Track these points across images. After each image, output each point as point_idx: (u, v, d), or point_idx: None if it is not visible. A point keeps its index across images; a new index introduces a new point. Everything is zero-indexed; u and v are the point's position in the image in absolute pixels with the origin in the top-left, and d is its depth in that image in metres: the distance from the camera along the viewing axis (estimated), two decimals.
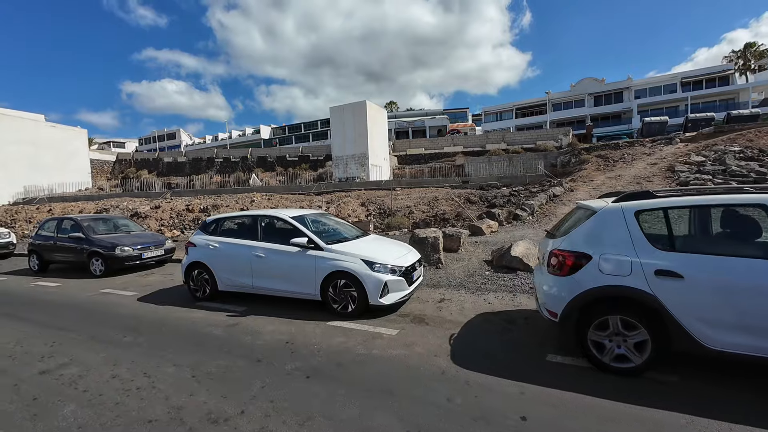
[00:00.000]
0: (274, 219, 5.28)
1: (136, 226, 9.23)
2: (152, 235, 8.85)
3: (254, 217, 5.45)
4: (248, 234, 5.31)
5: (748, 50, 42.47)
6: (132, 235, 8.50)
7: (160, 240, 8.53)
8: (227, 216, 5.76)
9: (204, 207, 18.48)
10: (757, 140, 19.68)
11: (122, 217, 9.38)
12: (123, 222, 9.11)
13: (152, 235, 8.88)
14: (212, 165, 46.41)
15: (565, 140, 30.20)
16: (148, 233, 8.99)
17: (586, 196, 16.63)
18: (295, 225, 5.03)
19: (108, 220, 8.99)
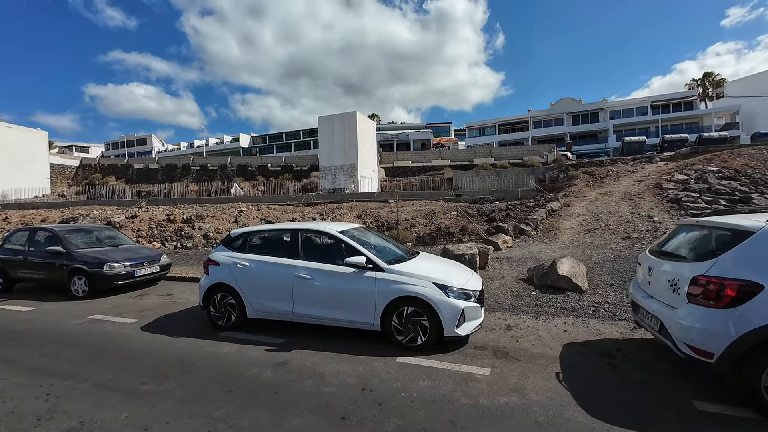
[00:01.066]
0: (317, 234, 4.53)
1: (125, 238, 8.02)
2: (145, 249, 7.72)
3: (293, 232, 4.68)
4: (286, 251, 4.53)
5: (707, 79, 46.15)
6: (122, 249, 7.35)
7: (155, 255, 7.43)
8: (258, 229, 4.92)
9: (187, 217, 17.10)
10: (731, 161, 20.76)
11: (108, 228, 8.15)
12: (109, 234, 7.87)
13: (145, 250, 7.76)
14: (188, 173, 44.21)
15: (550, 156, 31.02)
16: (141, 247, 7.84)
17: (583, 211, 16.79)
18: (347, 241, 4.32)
19: (90, 231, 7.75)
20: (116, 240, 7.86)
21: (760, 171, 18.73)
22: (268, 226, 4.95)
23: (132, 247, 7.72)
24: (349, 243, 4.30)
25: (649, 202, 16.99)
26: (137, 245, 7.73)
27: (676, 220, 14.16)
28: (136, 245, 7.72)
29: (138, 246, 7.95)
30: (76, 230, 7.55)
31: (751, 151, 21.28)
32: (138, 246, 7.95)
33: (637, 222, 14.09)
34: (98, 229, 8.06)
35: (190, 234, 15.82)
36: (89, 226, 8.08)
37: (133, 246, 7.85)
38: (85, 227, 7.83)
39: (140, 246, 7.74)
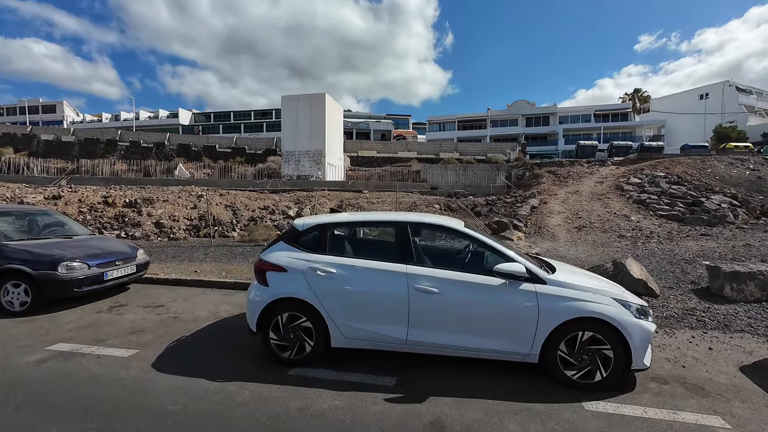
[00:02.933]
0: (437, 229, 3.29)
1: (78, 225, 5.80)
2: (113, 241, 5.69)
3: (400, 225, 3.32)
4: (391, 252, 3.24)
5: (636, 94, 51.92)
6: (79, 241, 5.16)
7: (129, 251, 5.35)
8: (342, 220, 3.54)
9: (131, 200, 14.11)
10: (672, 168, 23.03)
11: (52, 212, 5.72)
12: (55, 219, 5.61)
13: (113, 242, 5.65)
14: (114, 149, 37.98)
15: (513, 154, 32.13)
16: (104, 239, 5.66)
17: (560, 209, 17.27)
18: (488, 242, 3.18)
19: (26, 215, 5.29)
20: (66, 228, 5.52)
21: (698, 178, 21.00)
22: (356, 216, 3.50)
23: (93, 238, 5.52)
24: (491, 245, 3.14)
25: (617, 202, 18.05)
26: (99, 236, 5.54)
27: (649, 219, 15.15)
28: (98, 236, 5.52)
29: (101, 238, 5.84)
30: (3, 213, 5.19)
31: (687, 160, 23.86)
32: (101, 238, 5.84)
33: (617, 221, 14.75)
34: (37, 212, 5.65)
35: (136, 221, 13.01)
36: (22, 208, 5.55)
37: (95, 237, 5.66)
38: (15, 209, 5.36)
39: (103, 237, 5.52)
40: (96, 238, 5.69)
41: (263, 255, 3.31)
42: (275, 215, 15.05)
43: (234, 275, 6.29)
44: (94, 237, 5.70)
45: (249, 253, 9.15)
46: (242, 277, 6.11)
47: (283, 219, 14.80)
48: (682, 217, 14.94)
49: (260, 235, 11.85)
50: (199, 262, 7.79)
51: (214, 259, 8.17)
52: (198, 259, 8.13)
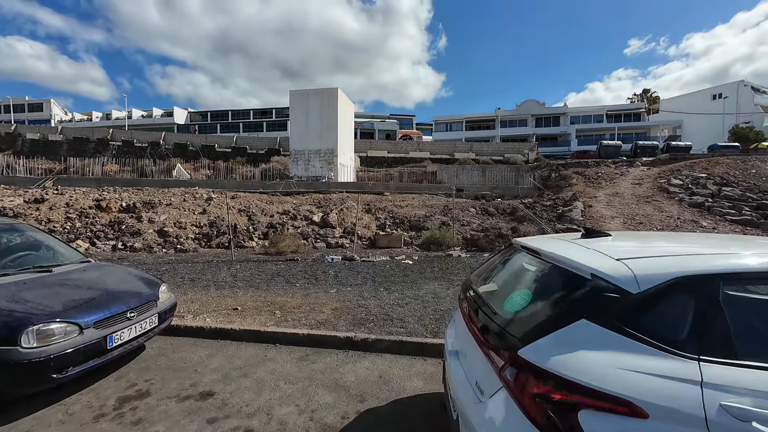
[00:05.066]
0: None
1: (65, 248, 3.73)
2: (121, 273, 3.53)
3: None
4: None
5: (645, 95, 50.98)
6: (63, 277, 3.03)
7: (146, 289, 3.24)
8: (749, 268, 1.34)
9: (128, 204, 12.03)
10: (712, 168, 21.56)
11: (23, 226, 3.56)
12: (26, 239, 3.54)
13: (122, 275, 3.46)
14: (106, 148, 35.56)
15: (531, 155, 30.57)
16: (110, 269, 3.58)
17: (609, 213, 15.60)
18: None
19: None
20: (43, 254, 3.46)
21: (743, 179, 19.51)
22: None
23: (87, 268, 3.37)
24: None
25: (670, 205, 16.43)
26: (96, 264, 3.45)
27: (721, 225, 13.52)
28: (94, 264, 3.46)
29: (99, 266, 3.54)
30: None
31: (726, 161, 22.41)
32: (99, 266, 3.54)
33: (687, 227, 13.11)
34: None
35: (136, 229, 10.96)
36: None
37: (90, 266, 3.47)
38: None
39: (102, 266, 3.40)
40: (92, 266, 3.46)
41: (533, 352, 1.35)
42: (297, 221, 13.09)
43: (295, 315, 4.34)
44: (90, 265, 3.48)
45: (286, 271, 7.20)
46: (310, 321, 4.17)
47: (308, 225, 12.84)
48: (757, 223, 13.37)
49: (287, 246, 9.89)
50: (231, 288, 5.81)
51: (248, 282, 6.21)
52: (226, 283, 6.16)
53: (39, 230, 3.80)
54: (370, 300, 5.15)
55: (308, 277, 6.73)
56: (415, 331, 3.94)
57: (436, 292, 5.71)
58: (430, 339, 3.62)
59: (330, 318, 4.30)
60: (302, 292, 5.58)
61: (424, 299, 5.23)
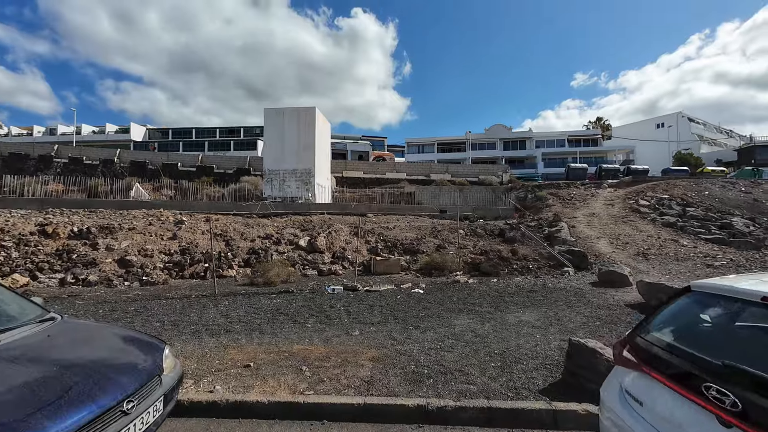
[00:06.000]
0: None
1: (15, 299, 2.44)
2: (108, 336, 2.36)
3: None
4: None
5: (598, 122, 55.26)
6: (17, 352, 1.86)
7: (145, 361, 2.15)
8: None
9: (81, 229, 10.34)
10: (671, 190, 23.07)
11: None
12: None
13: (109, 339, 2.30)
14: (49, 166, 32.04)
15: (505, 177, 31.40)
16: (92, 329, 2.48)
17: (593, 233, 15.90)
18: None
19: None
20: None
21: (700, 200, 20.99)
22: None
23: (46, 335, 2.12)
24: None
25: (646, 225, 17.07)
26: (62, 322, 2.30)
27: (699, 244, 14.07)
28: (65, 320, 2.30)
29: (67, 328, 2.29)
30: None
31: (683, 183, 24.15)
32: (67, 328, 2.29)
33: (671, 246, 13.45)
34: None
35: (90, 258, 9.35)
36: None
37: (53, 331, 2.20)
38: None
39: (73, 325, 2.28)
40: (60, 328, 2.29)
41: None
42: (281, 245, 11.93)
43: (329, 372, 3.40)
44: (56, 326, 2.31)
45: (286, 307, 6.17)
46: (353, 381, 3.26)
47: (293, 250, 11.72)
48: (728, 241, 14.07)
49: (276, 275, 8.78)
50: (228, 334, 4.74)
51: (248, 324, 5.16)
52: (220, 326, 5.07)
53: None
54: (407, 344, 4.32)
55: (316, 314, 5.75)
56: (489, 388, 3.16)
57: (473, 329, 4.99)
58: (525, 401, 2.85)
59: (376, 374, 3.42)
60: (319, 336, 4.62)
61: (466, 339, 4.50)
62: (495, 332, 4.80)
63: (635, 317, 5.41)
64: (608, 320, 5.25)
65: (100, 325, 2.85)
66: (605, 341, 3.84)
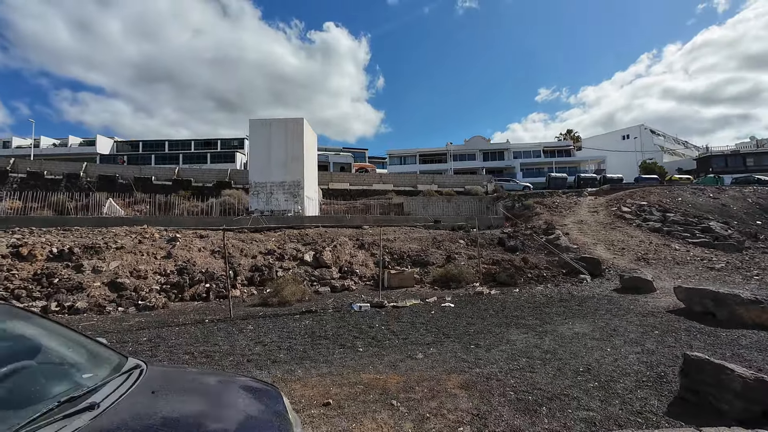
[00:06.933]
0: None
1: (86, 342, 1.85)
2: (212, 387, 1.79)
3: None
4: None
5: (569, 134, 58.07)
6: (124, 415, 1.37)
7: (271, 415, 1.66)
8: None
9: (62, 250, 9.29)
10: (647, 197, 24.26)
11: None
12: (9, 334, 1.60)
13: (217, 393, 1.74)
14: (4, 181, 29.42)
15: (490, 186, 31.98)
16: (189, 376, 1.89)
17: (586, 240, 16.29)
18: None
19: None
20: (47, 365, 1.61)
21: (675, 206, 22.19)
22: None
23: (145, 387, 1.58)
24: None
25: (634, 230, 17.71)
26: (155, 370, 1.76)
27: (689, 248, 14.68)
28: (152, 371, 1.76)
29: (163, 376, 1.75)
30: None
31: (657, 190, 25.52)
32: (163, 376, 1.75)
33: (665, 251, 13.93)
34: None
35: (75, 282, 8.38)
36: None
37: (147, 382, 1.64)
38: None
39: (165, 370, 1.73)
40: (154, 377, 1.72)
41: None
42: (284, 261, 11.29)
43: (425, 406, 3.00)
44: (151, 375, 1.72)
45: (320, 329, 5.68)
46: (460, 415, 2.86)
47: (299, 266, 11.08)
48: (713, 244, 14.79)
49: (292, 293, 8.19)
50: (278, 364, 4.23)
51: (292, 352, 4.67)
52: (263, 356, 4.55)
53: (24, 313, 2.03)
54: (483, 365, 3.98)
55: (359, 335, 5.30)
56: (611, 413, 2.88)
57: (536, 344, 4.73)
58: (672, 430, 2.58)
59: (478, 405, 3.05)
60: (381, 362, 4.19)
61: (538, 357, 4.26)
62: (561, 347, 4.56)
63: (687, 324, 5.36)
64: (665, 329, 5.14)
65: (198, 372, 2.32)
66: (718, 356, 3.68)
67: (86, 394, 1.53)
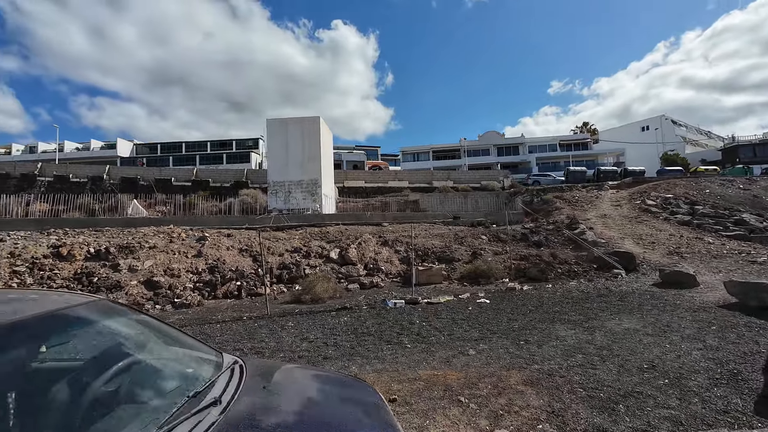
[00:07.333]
0: None
1: (179, 336, 1.94)
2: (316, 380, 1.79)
3: None
4: None
5: (585, 127, 56.80)
6: (245, 409, 1.36)
7: (378, 417, 1.54)
8: None
9: (98, 250, 9.52)
10: (672, 189, 23.51)
11: (102, 304, 1.77)
12: (118, 330, 1.63)
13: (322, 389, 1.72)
14: (33, 184, 30.43)
15: (506, 182, 31.55)
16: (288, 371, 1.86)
17: (613, 234, 15.91)
18: None
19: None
20: (152, 360, 1.61)
21: (703, 198, 21.45)
22: None
23: (259, 382, 1.58)
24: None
25: (662, 224, 17.20)
26: (255, 362, 1.67)
27: (724, 241, 14.17)
28: (255, 364, 1.69)
29: (264, 368, 1.78)
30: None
31: (683, 182, 24.72)
32: (264, 368, 1.78)
33: (698, 244, 13.48)
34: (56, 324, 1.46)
35: (114, 281, 8.56)
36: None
37: (255, 376, 1.62)
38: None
39: (264, 363, 1.67)
40: (269, 374, 1.72)
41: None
42: (311, 259, 11.34)
43: (495, 403, 2.92)
44: (255, 371, 1.71)
45: (360, 326, 5.68)
46: (535, 412, 2.78)
47: (324, 263, 11.13)
48: (749, 237, 14.24)
49: (324, 291, 8.22)
50: (328, 360, 4.25)
51: (340, 348, 4.68)
52: (313, 353, 4.58)
53: (121, 308, 2.05)
54: (541, 362, 3.90)
55: (403, 332, 5.26)
56: (694, 412, 2.77)
57: (587, 340, 4.62)
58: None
59: (550, 401, 2.97)
60: (434, 358, 4.14)
61: (594, 353, 4.16)
62: (615, 343, 4.43)
63: (745, 319, 5.14)
64: (723, 325, 4.94)
65: (294, 367, 2.30)
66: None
67: (206, 389, 1.52)
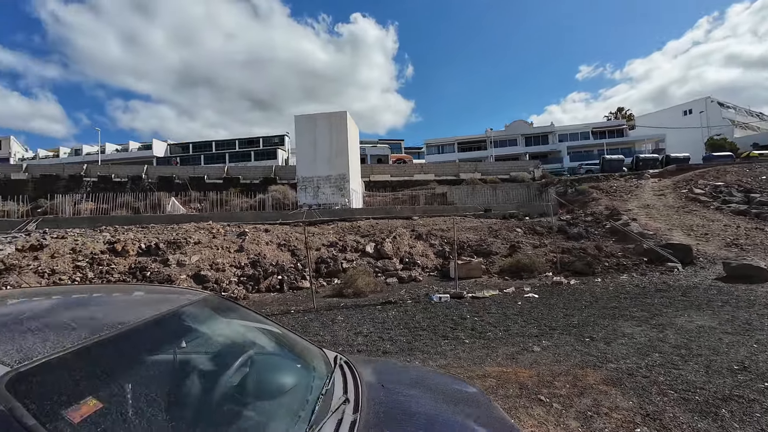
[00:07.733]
0: None
1: (285, 333, 1.86)
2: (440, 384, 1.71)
3: None
4: None
5: (620, 112, 53.88)
6: (378, 418, 1.27)
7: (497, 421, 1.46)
8: None
9: (148, 245, 9.96)
10: (722, 177, 21.91)
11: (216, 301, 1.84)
12: (240, 332, 1.69)
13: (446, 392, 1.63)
14: (80, 185, 32.31)
15: (537, 172, 30.53)
16: (415, 372, 1.89)
17: (663, 225, 15.03)
18: None
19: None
20: (277, 363, 1.65)
21: (758, 185, 19.86)
22: None
23: (396, 386, 1.56)
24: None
25: (714, 213, 16.09)
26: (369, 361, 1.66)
27: None
28: (378, 364, 1.71)
29: (387, 369, 1.79)
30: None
31: (734, 169, 22.99)
32: (387, 369, 1.79)
33: (758, 234, 12.58)
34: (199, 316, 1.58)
35: (165, 275, 8.94)
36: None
37: (379, 380, 1.57)
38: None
39: (388, 363, 1.74)
40: (380, 373, 1.70)
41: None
42: (347, 253, 11.41)
43: (580, 403, 2.81)
44: (364, 370, 1.64)
45: (410, 320, 5.64)
46: (625, 414, 2.65)
47: (360, 257, 11.17)
48: None
49: (365, 285, 8.25)
50: (388, 355, 4.23)
51: (397, 344, 4.65)
52: (370, 346, 4.61)
53: (230, 303, 2.08)
54: (615, 360, 3.70)
55: (456, 327, 5.17)
56: None
57: (659, 337, 4.36)
58: None
59: (643, 404, 2.80)
60: (496, 354, 4.03)
61: (670, 352, 3.93)
62: (692, 342, 4.15)
63: None
64: None
65: (397, 363, 2.30)
66: None
67: (331, 387, 1.49)
